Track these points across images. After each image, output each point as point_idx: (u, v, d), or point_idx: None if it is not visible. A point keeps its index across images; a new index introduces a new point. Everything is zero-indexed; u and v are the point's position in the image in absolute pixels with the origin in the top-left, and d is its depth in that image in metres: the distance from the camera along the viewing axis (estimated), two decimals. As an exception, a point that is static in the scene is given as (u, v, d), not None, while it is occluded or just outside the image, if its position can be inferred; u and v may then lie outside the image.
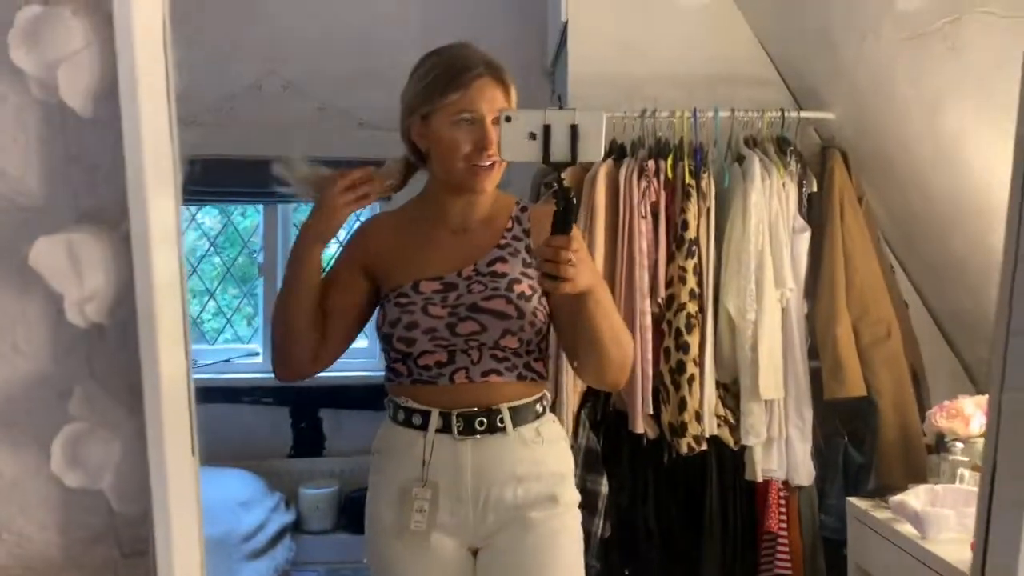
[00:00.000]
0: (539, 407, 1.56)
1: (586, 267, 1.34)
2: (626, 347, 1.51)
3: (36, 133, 0.81)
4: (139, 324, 0.75)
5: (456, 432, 1.49)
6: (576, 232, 1.34)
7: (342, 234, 1.73)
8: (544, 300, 1.54)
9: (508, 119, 1.29)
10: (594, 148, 1.29)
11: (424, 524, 1.48)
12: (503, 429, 1.51)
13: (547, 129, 1.28)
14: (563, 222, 1.31)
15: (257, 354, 3.71)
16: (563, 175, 1.33)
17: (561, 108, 2.58)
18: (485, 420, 1.50)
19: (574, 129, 1.27)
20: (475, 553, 1.54)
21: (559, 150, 1.28)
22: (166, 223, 0.76)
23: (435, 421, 1.49)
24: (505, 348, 1.51)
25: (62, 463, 0.82)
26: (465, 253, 1.55)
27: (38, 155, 0.82)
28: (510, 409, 1.51)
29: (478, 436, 1.50)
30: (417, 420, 1.51)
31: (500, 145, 1.31)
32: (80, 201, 0.84)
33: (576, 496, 1.58)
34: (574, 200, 1.33)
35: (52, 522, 0.92)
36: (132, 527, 0.91)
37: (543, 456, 1.54)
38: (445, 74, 1.50)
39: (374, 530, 1.54)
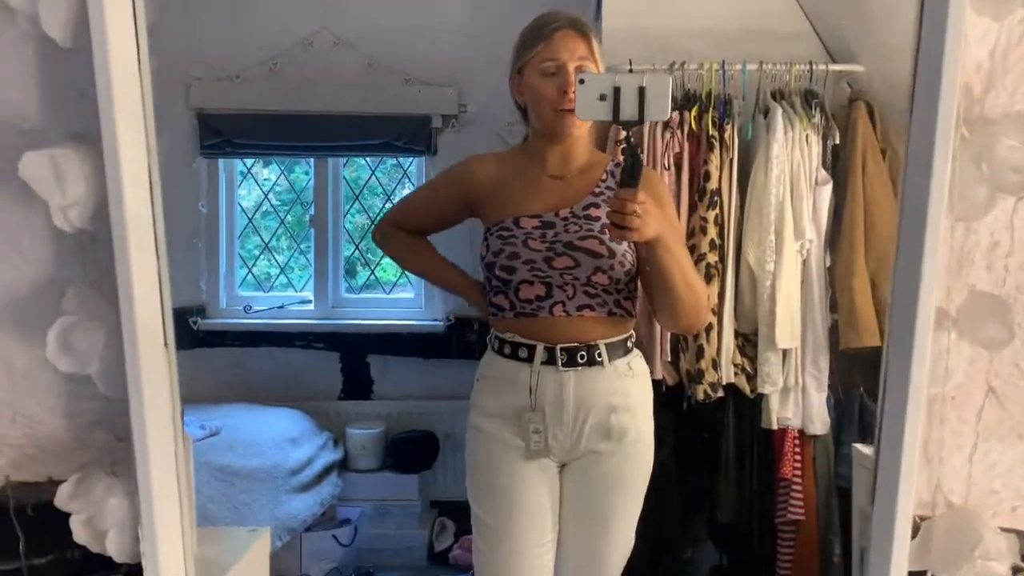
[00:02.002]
0: (629, 343, 1.72)
1: (653, 218, 1.47)
2: (699, 294, 1.67)
3: (32, 63, 0.94)
4: (112, 226, 0.87)
5: (560, 364, 1.64)
6: (663, 192, 1.58)
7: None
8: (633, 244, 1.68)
9: (582, 81, 1.42)
10: (661, 108, 1.40)
11: (543, 443, 1.66)
12: (600, 362, 1.66)
13: (616, 91, 1.40)
14: (630, 175, 1.45)
15: (309, 301, 3.87)
16: (631, 132, 1.44)
17: (631, 71, 2.67)
18: (585, 354, 1.65)
19: (642, 91, 1.39)
20: (561, 468, 1.71)
21: (628, 110, 1.40)
22: (135, 140, 0.87)
23: (540, 354, 1.65)
24: (596, 285, 1.66)
25: (56, 350, 0.95)
26: (562, 197, 1.71)
27: (35, 83, 0.94)
28: (606, 345, 1.67)
29: (579, 368, 1.65)
30: (523, 353, 1.66)
31: (576, 106, 1.45)
32: (72, 123, 0.96)
33: (652, 428, 1.77)
34: (641, 156, 1.45)
35: (59, 408, 1.07)
36: (122, 413, 1.04)
37: (633, 388, 1.72)
38: (531, 30, 1.69)
39: (480, 438, 1.71)
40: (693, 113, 2.51)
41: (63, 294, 0.98)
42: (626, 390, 1.70)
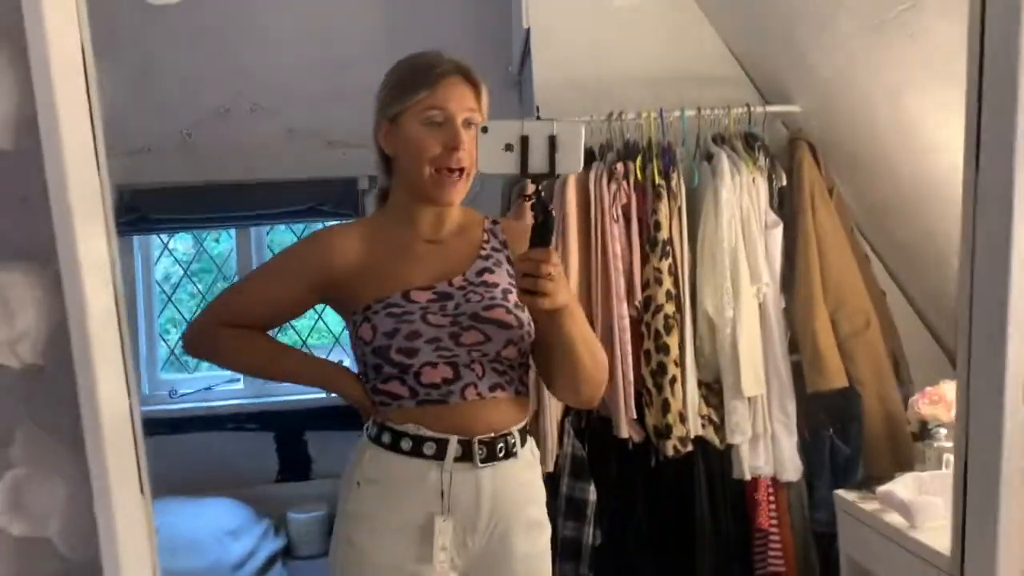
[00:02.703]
0: (527, 425, 1.54)
1: (563, 282, 1.32)
2: (601, 362, 1.49)
3: (-40, 171, 0.78)
4: (75, 362, 0.73)
5: (478, 460, 1.43)
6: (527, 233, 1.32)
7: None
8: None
9: (485, 130, 1.27)
10: (573, 160, 1.27)
11: (447, 563, 1.42)
12: (515, 453, 1.47)
13: (524, 140, 1.26)
14: (542, 235, 1.29)
15: (238, 380, 3.66)
16: (541, 187, 1.31)
17: (539, 119, 2.60)
18: (503, 445, 1.45)
19: (552, 140, 1.26)
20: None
21: (537, 162, 1.26)
22: (98, 256, 0.73)
23: (453, 449, 1.42)
24: (505, 360, 1.47)
25: (6, 511, 0.79)
26: (447, 264, 1.50)
27: (-37, 192, 0.79)
28: (519, 431, 1.49)
29: (496, 463, 1.45)
30: (430, 449, 1.42)
31: (478, 158, 1.28)
32: (12, 236, 0.81)
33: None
34: (553, 213, 1.31)
35: (4, 572, 0.89)
36: (88, 572, 0.88)
37: (537, 477, 1.54)
38: (412, 73, 1.47)
39: (363, 565, 1.43)
40: (638, 163, 2.47)
41: (6, 441, 0.82)
42: (535, 480, 1.53)
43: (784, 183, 2.47)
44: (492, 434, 1.45)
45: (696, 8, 2.76)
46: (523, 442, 1.50)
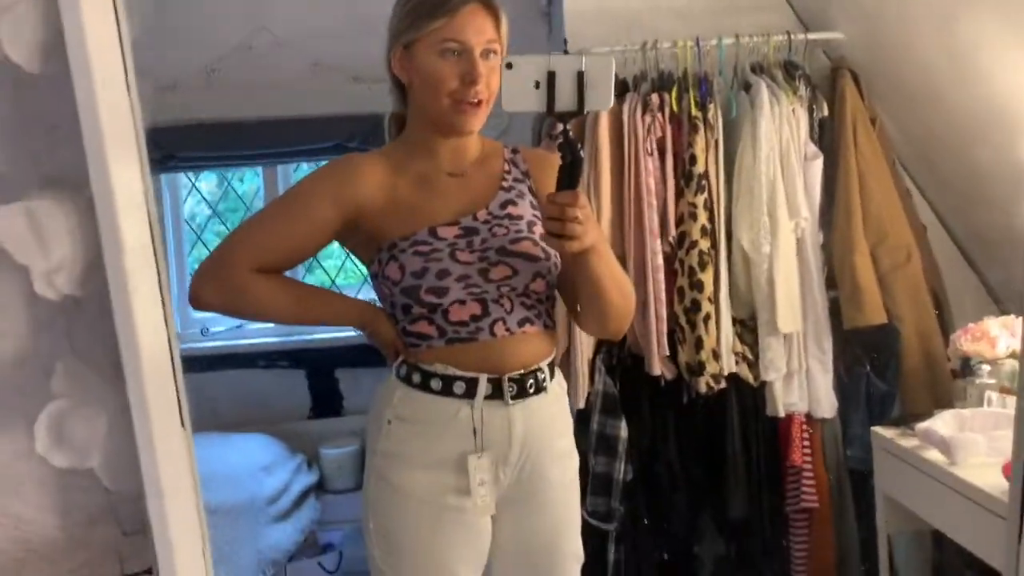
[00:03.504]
0: (556, 359, 1.53)
1: (591, 222, 1.29)
2: (628, 295, 1.47)
3: (-11, 95, 0.76)
4: (112, 293, 0.71)
5: (508, 398, 1.42)
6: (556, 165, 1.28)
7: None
8: None
9: (509, 66, 1.22)
10: (603, 96, 1.22)
11: (488, 498, 1.42)
12: (545, 388, 1.46)
13: (551, 76, 1.21)
14: (569, 176, 1.26)
15: (269, 318, 3.68)
16: (569, 125, 1.26)
17: (566, 53, 2.52)
18: (534, 382, 1.44)
19: (580, 76, 1.21)
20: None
21: (564, 99, 1.21)
22: (131, 183, 0.71)
23: (483, 387, 1.40)
24: (533, 294, 1.45)
25: (47, 443, 0.79)
26: (471, 197, 1.46)
27: (-7, 119, 0.77)
28: (548, 366, 1.48)
29: (526, 399, 1.43)
30: (460, 388, 1.40)
31: (501, 95, 1.23)
32: (42, 165, 0.79)
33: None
34: (581, 153, 1.26)
35: (49, 504, 0.89)
36: (131, 504, 0.88)
37: (564, 409, 1.54)
38: None
39: (397, 501, 1.43)
40: (673, 94, 2.40)
41: (48, 372, 0.81)
42: (562, 412, 1.52)
43: (825, 114, 2.39)
44: (522, 370, 1.43)
45: (734, -71, 2.65)
46: (552, 376, 1.49)
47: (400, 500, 1.43)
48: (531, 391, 1.44)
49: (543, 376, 1.46)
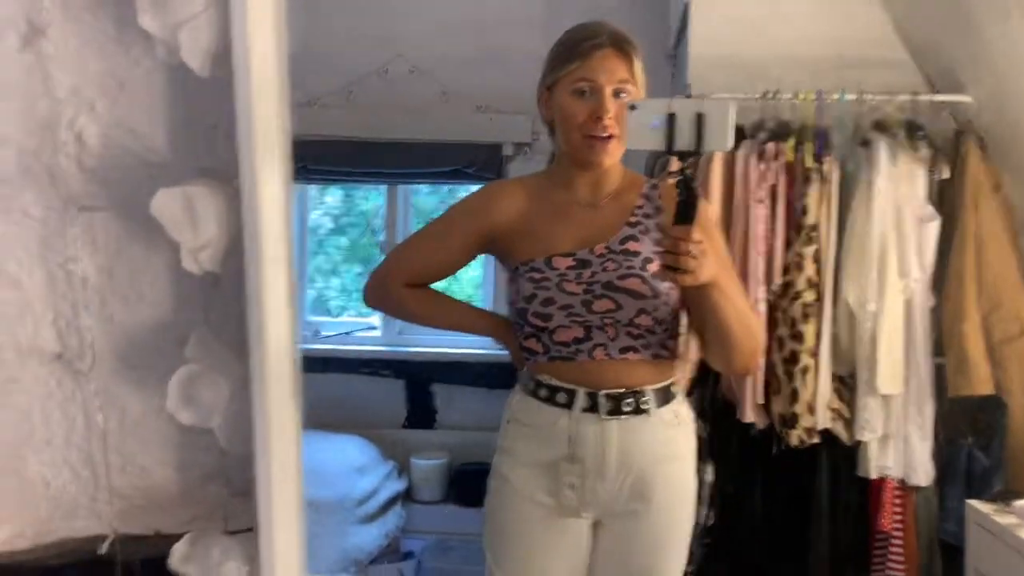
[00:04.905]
0: (673, 388, 1.60)
1: (709, 258, 1.35)
2: (755, 335, 1.56)
3: (163, 94, 0.88)
4: (247, 273, 0.81)
5: (603, 412, 1.51)
6: (710, 219, 1.40)
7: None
8: None
9: (633, 107, 1.32)
10: (720, 138, 1.29)
11: (575, 500, 1.53)
12: (647, 411, 1.53)
13: (671, 118, 1.29)
14: (685, 212, 1.32)
15: (375, 328, 3.83)
16: (686, 165, 1.33)
17: (688, 97, 2.58)
18: (632, 401, 1.52)
19: (700, 118, 1.28)
20: (594, 524, 1.59)
21: (684, 139, 1.29)
22: (273, 179, 0.81)
23: (581, 400, 1.52)
24: (639, 326, 1.53)
25: (177, 402, 0.89)
26: (596, 230, 1.57)
27: (164, 115, 0.88)
28: (653, 391, 1.55)
29: (623, 417, 1.52)
30: (562, 398, 1.53)
31: (627, 133, 1.34)
32: (200, 158, 0.90)
33: (695, 481, 1.63)
34: (697, 190, 1.33)
35: (170, 459, 1.00)
36: (240, 467, 0.97)
37: (680, 436, 1.60)
38: (568, 45, 1.55)
39: (506, 490, 1.57)
40: (790, 144, 2.41)
41: (184, 340, 0.92)
42: (677, 438, 1.58)
43: (946, 176, 2.35)
44: (621, 389, 1.52)
45: (864, -15, 2.65)
46: (662, 402, 1.55)
47: (508, 492, 1.57)
48: (627, 410, 1.52)
49: (645, 399, 1.53)
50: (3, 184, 0.90)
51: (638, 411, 1.52)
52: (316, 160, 3.45)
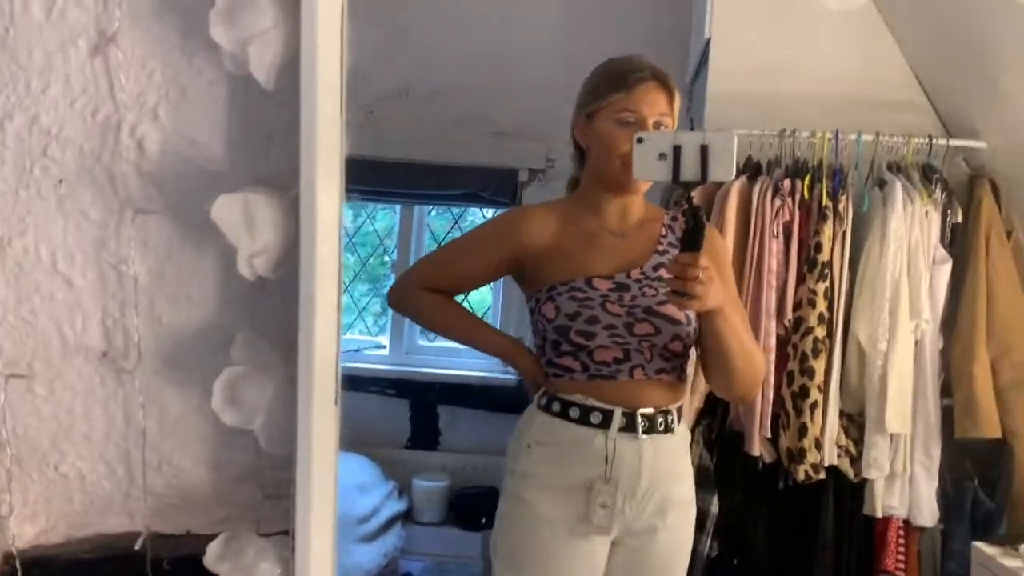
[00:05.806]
0: (682, 405, 1.66)
1: (715, 286, 1.39)
2: (756, 365, 1.59)
3: (223, 104, 0.91)
4: (301, 279, 0.83)
5: (640, 432, 1.54)
6: (719, 250, 1.46)
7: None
8: None
9: (640, 140, 1.36)
10: (724, 168, 1.33)
11: (607, 520, 1.54)
12: (673, 429, 1.59)
13: (677, 150, 1.32)
14: (691, 240, 1.36)
15: (383, 347, 3.85)
16: (692, 194, 1.37)
17: (692, 130, 2.61)
18: (663, 420, 1.57)
19: (704, 149, 1.32)
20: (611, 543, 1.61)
21: (689, 170, 1.32)
22: (331, 189, 0.83)
23: (618, 420, 1.54)
24: (670, 351, 1.58)
25: (221, 402, 0.91)
26: (628, 256, 1.61)
27: (223, 124, 0.92)
28: (676, 410, 1.60)
29: (656, 435, 1.56)
30: (596, 418, 1.54)
31: (633, 165, 1.37)
32: (255, 167, 0.93)
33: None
34: (704, 219, 1.37)
35: (206, 458, 1.02)
36: (276, 470, 0.99)
37: (687, 454, 1.66)
38: (611, 75, 1.60)
39: (527, 515, 1.57)
40: (806, 182, 2.44)
41: (228, 343, 0.94)
42: (686, 457, 1.64)
43: (959, 220, 2.38)
44: (653, 408, 1.56)
45: (884, 29, 2.68)
46: (679, 420, 1.61)
47: (528, 517, 1.57)
48: (660, 428, 1.56)
49: (672, 418, 1.59)
50: (63, 184, 0.92)
51: (667, 429, 1.57)
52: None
